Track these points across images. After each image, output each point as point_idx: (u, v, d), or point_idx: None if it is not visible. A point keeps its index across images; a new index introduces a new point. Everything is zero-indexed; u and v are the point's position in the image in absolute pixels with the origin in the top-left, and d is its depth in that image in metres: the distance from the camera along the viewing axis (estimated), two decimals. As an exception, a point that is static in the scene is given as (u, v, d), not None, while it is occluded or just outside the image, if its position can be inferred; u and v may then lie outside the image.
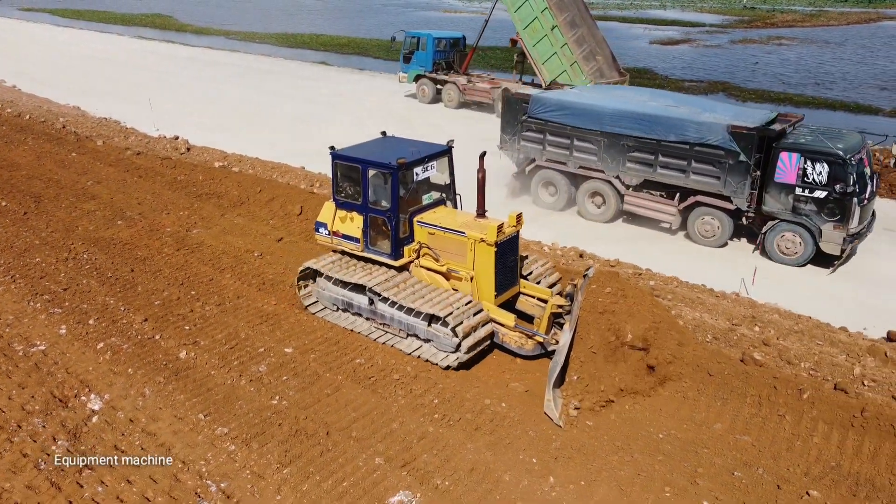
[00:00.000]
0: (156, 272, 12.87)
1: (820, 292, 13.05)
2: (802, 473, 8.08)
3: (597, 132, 15.50)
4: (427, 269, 10.64)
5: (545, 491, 7.79)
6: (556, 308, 9.96)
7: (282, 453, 8.29)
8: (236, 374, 9.85)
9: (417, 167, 10.47)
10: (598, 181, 15.95)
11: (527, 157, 17.12)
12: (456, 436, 8.66)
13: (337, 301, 11.21)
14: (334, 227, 11.04)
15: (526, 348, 10.06)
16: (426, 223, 10.54)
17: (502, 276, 10.20)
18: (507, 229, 10.06)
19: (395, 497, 7.67)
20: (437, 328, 9.98)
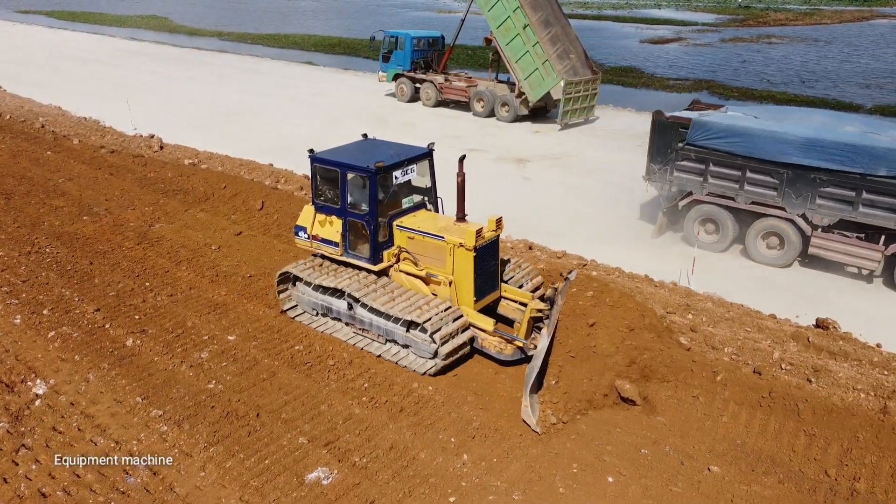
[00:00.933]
0: (114, 265, 13.26)
1: (765, 283, 13.36)
2: (707, 450, 8.43)
3: (779, 163, 13.36)
4: (407, 274, 10.53)
5: (457, 467, 8.16)
6: (536, 312, 9.80)
7: (211, 433, 8.67)
8: (178, 361, 10.23)
9: (397, 170, 10.29)
10: (776, 219, 13.77)
11: (681, 190, 14.94)
12: (380, 417, 9.03)
13: (316, 306, 11.08)
14: (313, 231, 10.93)
15: (506, 353, 9.89)
16: (405, 227, 10.40)
17: (482, 282, 10.09)
18: (487, 234, 9.94)
19: (312, 474, 8.04)
20: (415, 334, 9.85)
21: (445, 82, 28.18)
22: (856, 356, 10.28)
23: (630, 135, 24.72)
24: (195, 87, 31.86)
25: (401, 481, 7.93)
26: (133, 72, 35.71)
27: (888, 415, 8.65)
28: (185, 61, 40.10)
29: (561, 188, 18.40)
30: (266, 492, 7.75)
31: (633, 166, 20.50)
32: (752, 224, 14.15)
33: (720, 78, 43.10)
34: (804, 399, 8.85)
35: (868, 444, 8.26)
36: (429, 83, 28.47)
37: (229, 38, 57.14)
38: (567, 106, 24.89)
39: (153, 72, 35.75)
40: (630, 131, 25.24)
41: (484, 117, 26.77)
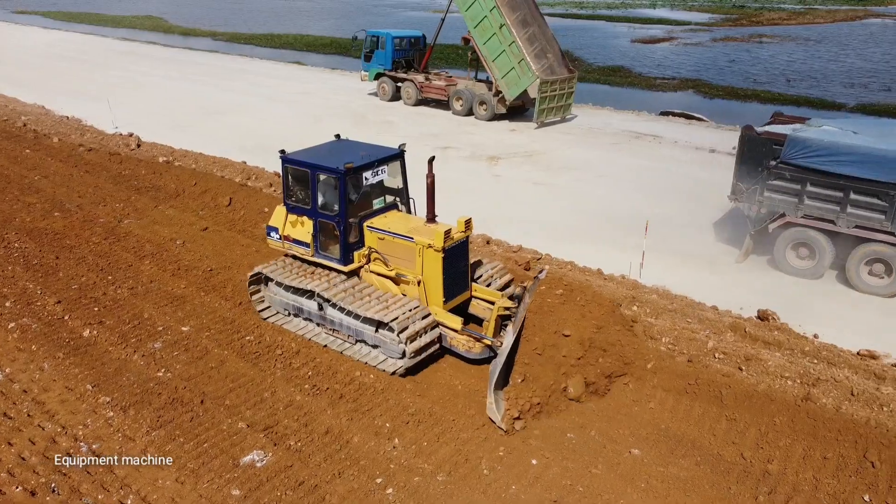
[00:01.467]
0: (80, 259, 13.58)
1: (716, 278, 13.62)
2: (630, 434, 8.75)
3: (890, 184, 12.32)
4: (377, 275, 10.58)
5: (388, 450, 8.47)
6: (504, 310, 9.92)
7: (154, 419, 8.99)
8: (132, 350, 10.56)
9: (367, 171, 10.31)
10: (883, 245, 12.71)
11: (772, 212, 13.82)
12: (320, 403, 9.35)
13: (288, 306, 11.13)
14: (285, 232, 10.96)
15: (474, 351, 9.91)
16: (376, 228, 10.44)
17: (451, 282, 10.13)
18: (457, 235, 9.97)
19: (247, 456, 8.36)
20: (384, 333, 9.89)
21: (426, 81, 28.48)
22: (789, 346, 10.58)
23: (605, 133, 25.06)
24: (181, 87, 32.19)
25: (332, 463, 8.25)
26: (121, 71, 36.04)
27: (810, 401, 8.97)
28: (174, 61, 40.44)
29: (528, 185, 18.70)
30: (201, 473, 8.07)
31: (602, 164, 20.90)
32: (854, 250, 13.00)
33: (706, 77, 43.37)
34: (728, 385, 9.16)
35: (783, 428, 8.58)
36: (409, 82, 28.78)
37: (222, 39, 57.54)
38: (543, 104, 25.18)
39: (142, 72, 36.07)
40: (606, 129, 25.58)
41: (463, 116, 27.08)
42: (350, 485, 7.93)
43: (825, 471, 8.08)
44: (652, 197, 17.74)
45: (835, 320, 11.79)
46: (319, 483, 7.94)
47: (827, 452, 8.24)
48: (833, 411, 8.81)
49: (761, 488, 7.87)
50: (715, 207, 16.88)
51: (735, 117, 29.39)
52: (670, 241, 14.68)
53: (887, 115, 33.40)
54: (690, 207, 17.06)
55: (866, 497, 7.74)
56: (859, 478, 7.94)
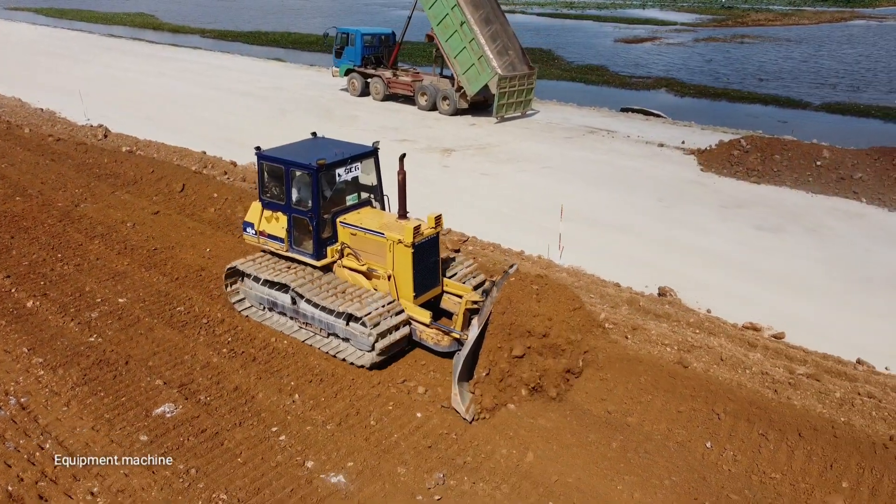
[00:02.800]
0: (33, 239, 14.43)
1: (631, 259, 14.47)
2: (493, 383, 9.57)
3: None
4: (349, 269, 10.80)
5: (287, 404, 9.35)
6: (471, 304, 10.16)
7: (80, 377, 9.85)
8: (69, 319, 11.42)
9: (340, 168, 10.51)
10: None
11: None
12: (234, 365, 10.22)
13: (263, 300, 11.34)
14: (260, 227, 11.14)
15: (442, 344, 10.12)
16: (348, 224, 10.63)
17: (422, 277, 10.30)
18: (426, 231, 10.17)
19: (159, 408, 9.23)
20: (354, 327, 10.07)
21: (393, 77, 29.33)
22: (676, 318, 11.47)
23: (563, 128, 25.92)
24: (157, 82, 33.00)
25: (235, 415, 9.12)
26: (101, 67, 36.85)
27: (680, 364, 9.85)
28: (155, 57, 41.25)
29: (474, 175, 19.57)
30: (115, 423, 8.93)
31: (549, 156, 21.78)
32: None
33: (680, 76, 44.22)
34: (604, 349, 10.03)
35: (647, 386, 9.46)
36: (377, 78, 29.63)
37: (210, 36, 58.37)
38: (502, 100, 26.05)
39: (121, 67, 36.89)
40: (564, 125, 26.45)
41: (427, 110, 27.94)
42: (248, 433, 8.80)
43: (678, 422, 8.97)
44: (588, 186, 18.64)
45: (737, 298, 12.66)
46: (220, 430, 8.81)
47: (681, 406, 9.12)
48: (701, 373, 9.69)
49: (617, 436, 8.74)
50: (642, 195, 17.78)
51: (701, 115, 30.33)
52: (594, 225, 15.56)
53: (850, 114, 34.36)
54: (619, 195, 17.95)
55: (708, 444, 8.62)
56: (705, 427, 8.83)
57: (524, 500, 7.72)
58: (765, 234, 15.96)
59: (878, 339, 11.44)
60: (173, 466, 8.13)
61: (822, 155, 19.74)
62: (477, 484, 7.98)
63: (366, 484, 7.96)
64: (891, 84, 42.34)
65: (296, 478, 8.03)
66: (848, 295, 13.04)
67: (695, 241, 15.34)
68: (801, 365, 10.25)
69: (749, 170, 20.07)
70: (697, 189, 19.01)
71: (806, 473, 8.10)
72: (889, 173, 18.42)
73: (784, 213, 17.28)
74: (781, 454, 8.35)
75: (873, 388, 9.63)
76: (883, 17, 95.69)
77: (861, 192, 18.34)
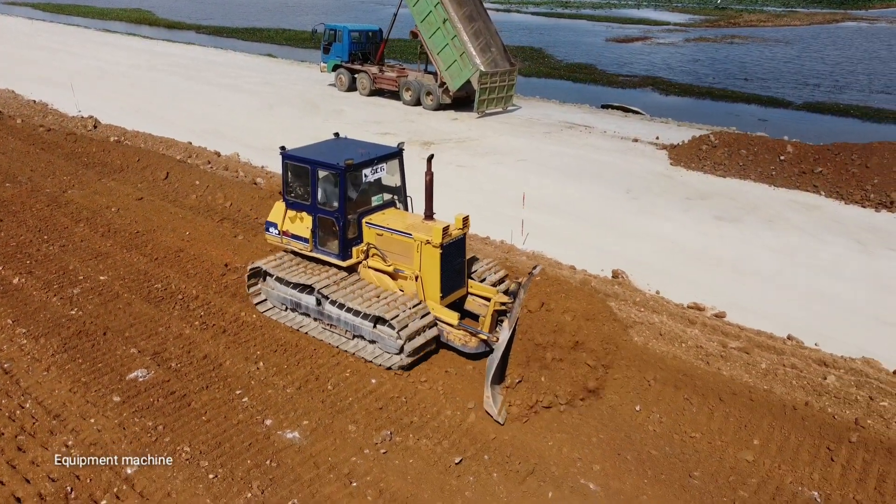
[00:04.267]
0: (21, 222, 15.11)
1: (592, 245, 15.18)
2: (452, 362, 10.29)
3: None
4: (375, 270, 10.73)
5: (252, 370, 10.06)
6: (500, 306, 10.08)
7: (60, 345, 10.55)
8: (52, 294, 12.11)
9: (366, 169, 10.50)
10: None
11: None
12: (204, 336, 10.92)
13: (285, 301, 11.26)
14: (284, 227, 11.08)
15: (470, 346, 10.07)
16: (374, 224, 10.60)
17: (448, 278, 10.26)
18: (454, 232, 10.12)
19: (132, 373, 9.94)
20: (382, 329, 10.03)
21: (379, 73, 30.03)
22: (623, 297, 12.19)
23: (542, 123, 26.65)
24: (148, 76, 33.66)
25: (203, 380, 9.82)
26: (94, 61, 37.50)
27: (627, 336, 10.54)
28: (149, 52, 41.90)
29: (450, 167, 20.25)
30: (91, 386, 9.63)
31: (525, 150, 22.49)
32: None
33: (667, 75, 44.93)
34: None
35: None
36: (364, 73, 30.33)
37: (205, 32, 59.04)
38: (483, 95, 26.76)
39: (114, 62, 37.54)
40: (544, 120, 27.17)
41: (411, 105, 28.65)
42: (213, 395, 9.51)
43: (611, 388, 9.67)
44: (559, 178, 19.36)
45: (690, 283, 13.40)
46: (188, 393, 9.51)
47: (616, 375, 9.83)
48: (639, 345, 10.41)
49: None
50: (611, 186, 18.51)
51: (682, 113, 31.09)
52: (560, 214, 16.28)
53: (830, 113, 35.11)
54: (589, 186, 18.68)
55: (637, 407, 9.35)
56: (636, 393, 9.55)
57: (462, 454, 8.44)
58: (723, 223, 16.69)
59: (814, 319, 12.18)
60: (142, 422, 8.84)
61: (787, 150, 20.48)
62: (421, 440, 8.69)
63: (318, 439, 8.67)
64: (871, 85, 43.14)
65: (255, 434, 8.74)
66: (792, 279, 13.78)
67: (656, 230, 16.07)
68: (735, 340, 10.98)
69: (716, 164, 20.80)
70: (665, 182, 19.74)
71: (722, 433, 8.83)
72: (848, 168, 19.15)
73: (745, 204, 18.01)
74: (702, 416, 9.08)
75: (798, 360, 10.37)
76: (874, 18, 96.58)
77: (821, 185, 19.08)
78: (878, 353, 10.90)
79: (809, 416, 8.91)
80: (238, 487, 7.84)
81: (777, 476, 8.18)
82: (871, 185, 18.36)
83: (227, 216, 15.69)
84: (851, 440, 8.47)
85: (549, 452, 8.51)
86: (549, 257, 14.08)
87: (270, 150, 20.50)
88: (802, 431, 8.71)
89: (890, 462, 8.20)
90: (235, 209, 16.05)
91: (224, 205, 16.23)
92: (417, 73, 29.43)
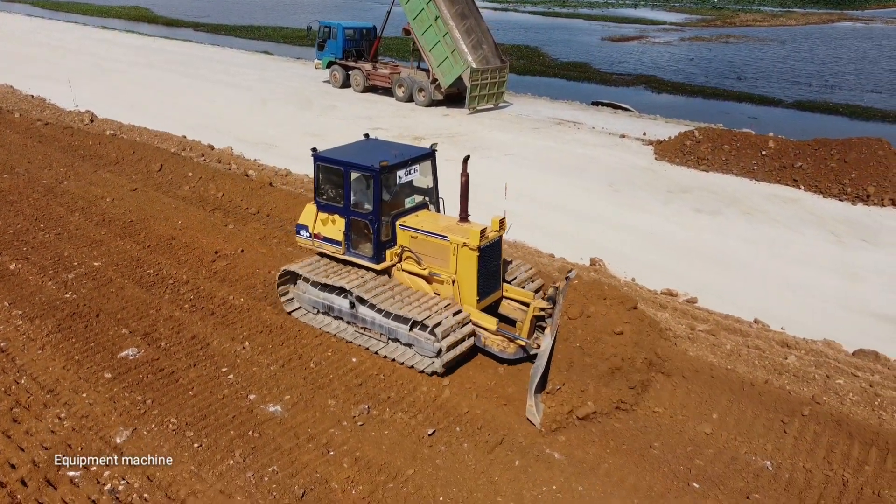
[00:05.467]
0: (18, 211, 15.55)
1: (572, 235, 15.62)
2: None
3: None
4: (409, 273, 10.60)
5: (238, 350, 10.50)
6: (539, 311, 9.90)
7: (55, 326, 10.99)
8: (48, 279, 12.55)
9: (400, 170, 10.35)
10: None
11: None
12: (193, 318, 11.37)
13: (317, 304, 11.15)
14: (315, 230, 10.96)
15: (508, 352, 9.98)
16: (408, 227, 10.43)
17: (485, 281, 10.13)
18: (491, 234, 9.99)
19: (123, 352, 10.38)
20: (418, 333, 9.90)
21: (372, 70, 30.47)
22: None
23: (531, 119, 27.11)
24: (145, 73, 34.07)
25: (190, 358, 10.27)
26: (92, 58, 37.91)
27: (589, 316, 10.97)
28: (146, 49, 42.32)
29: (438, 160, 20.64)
30: (84, 363, 10.07)
31: (514, 145, 22.95)
32: None
33: (660, 74, 45.37)
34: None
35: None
36: (358, 70, 30.77)
37: (203, 30, 59.42)
38: (475, 92, 27.20)
39: (111, 58, 37.94)
40: (534, 116, 27.63)
41: (404, 102, 29.10)
42: (200, 372, 9.95)
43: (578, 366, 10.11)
44: (544, 172, 19.80)
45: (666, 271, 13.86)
46: (176, 370, 9.96)
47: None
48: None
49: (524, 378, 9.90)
50: (595, 180, 18.97)
51: (674, 110, 31.55)
52: (544, 206, 16.72)
53: (820, 111, 35.57)
54: (573, 180, 19.15)
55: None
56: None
57: (435, 426, 8.88)
58: (702, 216, 17.15)
59: (782, 305, 12.64)
60: (131, 397, 9.29)
61: (768, 145, 20.94)
62: (397, 414, 9.14)
63: (299, 412, 9.11)
64: (861, 84, 43.64)
65: (238, 407, 9.18)
66: (764, 268, 14.24)
67: (635, 222, 16.53)
68: (703, 323, 11.44)
69: (699, 159, 21.26)
70: (648, 175, 20.20)
71: (684, 407, 9.28)
72: (827, 162, 19.60)
73: (725, 197, 18.47)
74: (665, 392, 9.53)
75: (762, 342, 10.84)
76: (870, 19, 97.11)
77: (800, 179, 19.54)
78: (840, 336, 11.37)
79: (767, 392, 9.38)
80: (221, 455, 8.29)
81: (733, 447, 8.63)
82: (849, 180, 18.82)
83: (219, 206, 16.13)
84: (804, 413, 8.93)
85: (517, 425, 8.96)
86: (531, 246, 14.54)
87: (263, 144, 21.01)
88: (759, 406, 9.18)
89: (838, 433, 8.67)
90: (227, 199, 16.49)
91: (216, 195, 16.67)
92: (410, 70, 29.87)
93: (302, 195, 16.52)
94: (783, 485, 8.05)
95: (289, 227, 15.05)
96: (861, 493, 7.89)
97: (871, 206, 17.94)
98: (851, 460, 8.34)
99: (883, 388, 9.67)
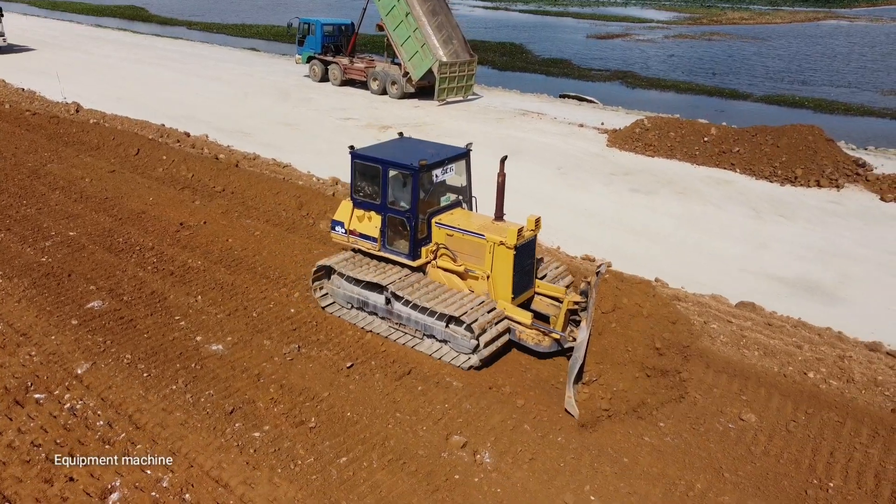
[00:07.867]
0: (3, 190, 16.94)
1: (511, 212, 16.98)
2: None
3: None
4: (444, 270, 10.81)
5: (192, 302, 11.89)
6: (573, 305, 10.19)
7: (31, 283, 12.39)
8: (27, 246, 13.95)
9: (437, 169, 10.57)
10: None
11: None
12: (155, 277, 12.77)
13: (351, 299, 11.32)
14: (351, 226, 11.19)
15: (543, 345, 10.17)
16: (444, 225, 10.66)
17: (519, 279, 10.35)
18: (527, 233, 10.22)
19: (90, 304, 11.78)
20: (455, 329, 10.06)
21: (349, 64, 31.87)
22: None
23: (497, 110, 28.50)
24: (133, 68, 35.48)
25: (148, 308, 11.67)
26: (83, 54, 39.33)
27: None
28: (137, 46, 43.73)
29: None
30: (54, 313, 11.46)
31: (475, 133, 24.33)
32: None
33: (638, 70, 46.75)
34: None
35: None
36: (335, 64, 32.17)
37: (196, 28, 60.82)
38: (444, 84, 28.59)
39: (102, 54, 39.37)
40: (501, 108, 29.02)
41: (378, 94, 30.50)
42: (156, 320, 11.35)
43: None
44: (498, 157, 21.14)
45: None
46: (135, 318, 11.36)
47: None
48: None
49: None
50: (545, 165, 20.35)
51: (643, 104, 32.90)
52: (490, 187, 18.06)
53: (785, 105, 36.92)
54: (524, 164, 20.54)
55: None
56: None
57: (355, 360, 10.28)
58: (638, 195, 18.54)
59: (687, 268, 14.03)
60: (93, 339, 10.68)
61: (711, 132, 22.32)
62: (322, 352, 10.54)
63: (237, 351, 10.51)
64: (831, 79, 45.01)
65: (186, 347, 10.58)
66: (682, 239, 15.63)
67: (575, 201, 17.92)
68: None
69: (647, 145, 22.65)
70: (597, 160, 21.59)
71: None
72: (762, 148, 20.99)
73: (663, 179, 19.86)
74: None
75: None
76: (856, 17, 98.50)
77: (737, 163, 20.92)
78: (731, 293, 12.75)
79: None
80: (166, 382, 9.69)
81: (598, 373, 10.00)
82: (780, 163, 20.21)
83: (188, 185, 17.53)
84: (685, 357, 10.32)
85: (426, 361, 10.36)
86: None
87: (238, 133, 22.42)
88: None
89: (706, 370, 10.06)
90: (196, 179, 17.89)
91: (187, 176, 18.08)
92: (384, 64, 31.26)
93: (264, 176, 17.93)
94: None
95: (250, 203, 16.47)
96: (705, 411, 9.30)
97: (797, 187, 19.33)
98: (718, 389, 9.76)
99: (751, 331, 11.07)
